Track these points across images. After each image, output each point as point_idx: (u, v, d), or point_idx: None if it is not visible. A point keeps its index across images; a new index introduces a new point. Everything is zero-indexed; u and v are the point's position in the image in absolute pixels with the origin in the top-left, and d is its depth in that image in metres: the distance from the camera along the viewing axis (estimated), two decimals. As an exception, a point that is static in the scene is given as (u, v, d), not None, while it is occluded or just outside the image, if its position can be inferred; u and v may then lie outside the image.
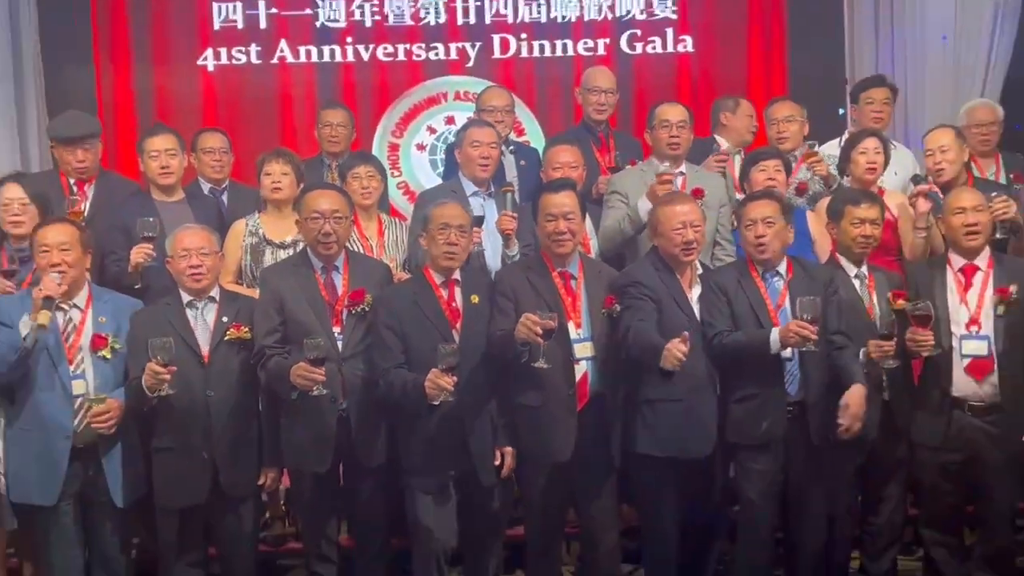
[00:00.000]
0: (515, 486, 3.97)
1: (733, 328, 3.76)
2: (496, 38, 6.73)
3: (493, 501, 3.83)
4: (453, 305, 3.77)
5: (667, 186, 4.25)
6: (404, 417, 3.74)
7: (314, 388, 3.58)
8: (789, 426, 3.77)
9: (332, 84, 6.68)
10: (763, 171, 4.42)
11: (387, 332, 3.71)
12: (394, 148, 6.63)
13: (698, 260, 3.91)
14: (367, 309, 3.77)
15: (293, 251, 4.13)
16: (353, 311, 3.77)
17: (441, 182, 5.14)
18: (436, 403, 3.56)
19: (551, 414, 3.75)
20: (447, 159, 5.35)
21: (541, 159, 5.00)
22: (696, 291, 3.83)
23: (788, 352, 3.73)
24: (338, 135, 5.25)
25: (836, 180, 4.66)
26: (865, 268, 4.06)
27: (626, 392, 3.83)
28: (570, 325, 3.77)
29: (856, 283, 4.02)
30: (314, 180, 4.52)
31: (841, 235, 4.06)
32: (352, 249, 4.08)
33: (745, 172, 4.54)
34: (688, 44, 6.81)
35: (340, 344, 3.75)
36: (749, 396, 3.76)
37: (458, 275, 3.82)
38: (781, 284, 3.85)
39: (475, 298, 3.79)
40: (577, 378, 3.76)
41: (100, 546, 3.83)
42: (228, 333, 3.79)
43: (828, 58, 6.81)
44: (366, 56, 6.71)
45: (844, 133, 5.31)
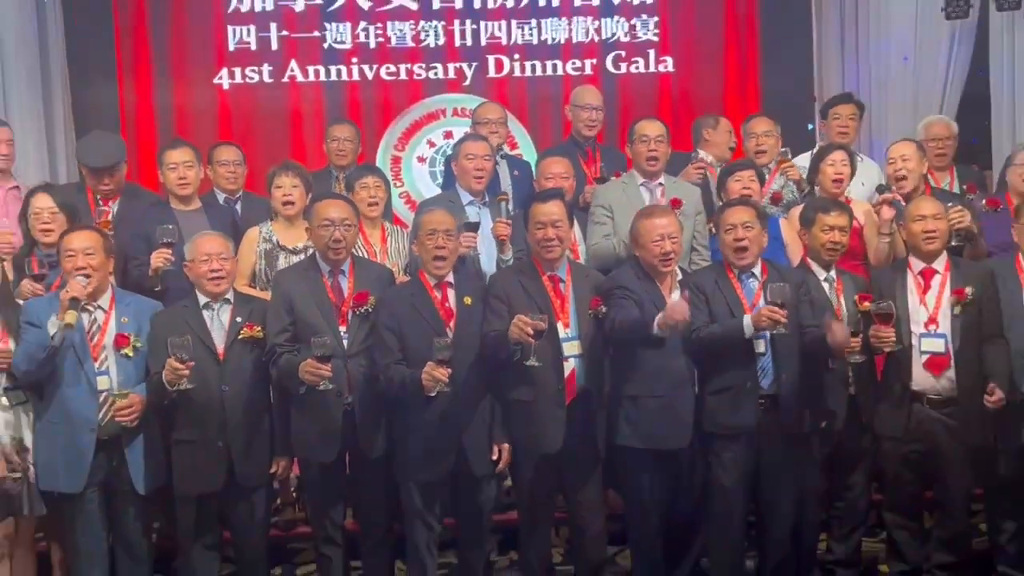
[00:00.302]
0: (506, 476, 3.97)
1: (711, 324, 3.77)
2: (491, 59, 6.76)
3: (484, 490, 3.84)
4: (447, 305, 3.77)
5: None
6: (401, 411, 3.74)
7: (320, 383, 3.58)
8: (761, 417, 3.77)
9: (339, 101, 6.70)
10: (738, 181, 4.43)
11: (387, 332, 3.71)
12: (396, 161, 6.63)
13: (676, 266, 3.92)
14: (370, 310, 3.77)
15: (304, 256, 4.13)
16: (357, 312, 3.77)
17: (440, 192, 5.14)
18: (432, 394, 3.56)
19: (542, 408, 3.75)
20: (446, 171, 5.35)
21: (533, 170, 5.02)
22: (675, 295, 3.83)
23: (761, 347, 3.74)
24: (345, 149, 5.25)
25: (807, 186, 4.69)
26: (834, 272, 4.07)
27: (611, 388, 3.84)
28: (559, 325, 3.77)
29: (826, 286, 4.03)
30: (322, 190, 4.52)
31: (812, 241, 4.07)
32: (358, 255, 4.08)
33: (722, 182, 4.55)
34: (669, 64, 6.86)
35: (346, 342, 3.75)
36: (724, 389, 3.76)
37: (451, 278, 3.81)
38: (756, 285, 3.85)
39: (468, 299, 3.78)
40: (566, 374, 3.76)
41: (123, 531, 3.83)
42: (242, 332, 3.79)
43: (798, 77, 6.86)
44: (370, 75, 6.74)
45: (815, 147, 5.33)
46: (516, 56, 6.77)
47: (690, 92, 6.84)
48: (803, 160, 4.98)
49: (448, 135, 6.42)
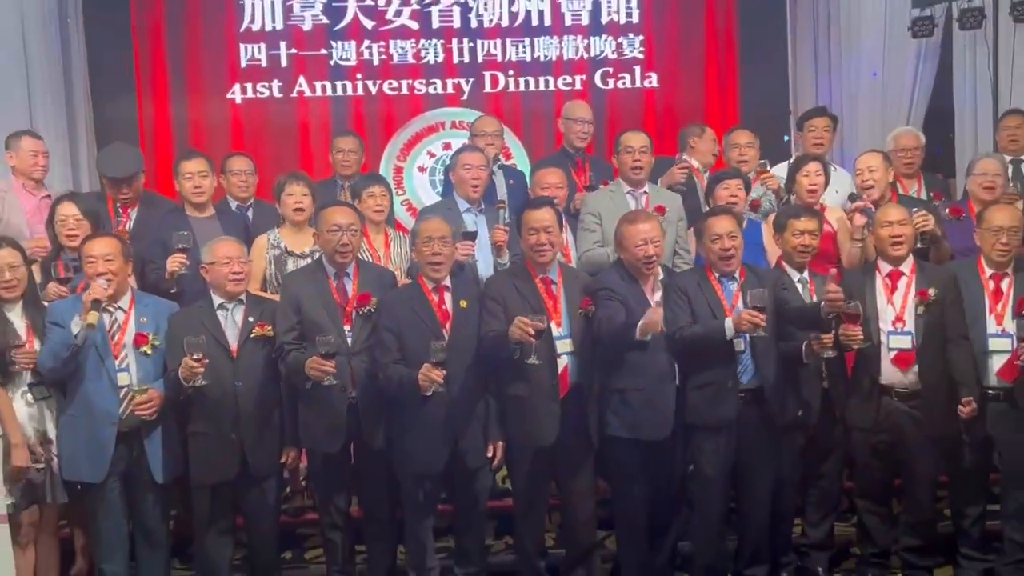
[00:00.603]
0: (501, 468, 3.98)
1: (693, 324, 3.78)
2: (487, 75, 6.79)
3: (479, 480, 3.85)
4: (443, 308, 3.76)
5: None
6: (399, 409, 3.73)
7: (325, 379, 3.58)
8: (741, 410, 3.78)
9: (344, 115, 6.72)
10: (726, 189, 4.43)
11: (386, 333, 3.71)
12: (399, 170, 6.65)
13: (660, 268, 3.93)
14: (372, 310, 3.77)
15: (311, 260, 4.13)
16: (361, 312, 3.77)
17: (439, 200, 5.15)
18: (428, 394, 3.57)
19: (537, 403, 3.74)
20: (444, 180, 5.36)
21: (527, 180, 5.03)
22: (658, 295, 3.84)
23: (741, 345, 3.75)
24: (349, 160, 5.26)
25: (785, 194, 4.71)
26: (806, 274, 4.07)
27: (600, 383, 3.85)
28: (552, 324, 3.76)
29: (799, 287, 4.04)
30: (328, 199, 4.53)
31: (784, 245, 4.08)
32: (363, 258, 4.09)
33: (710, 189, 4.55)
34: (654, 80, 6.90)
35: (350, 340, 3.75)
36: (706, 384, 3.77)
37: (448, 282, 3.81)
38: (735, 287, 3.86)
39: (464, 303, 3.78)
40: (559, 370, 3.77)
41: (142, 518, 3.83)
42: (254, 331, 3.79)
43: (774, 92, 6.90)
44: (374, 90, 6.76)
45: (790, 157, 5.34)
46: (511, 72, 6.80)
47: (673, 106, 6.88)
48: (780, 170, 4.98)
49: (447, 146, 6.44)
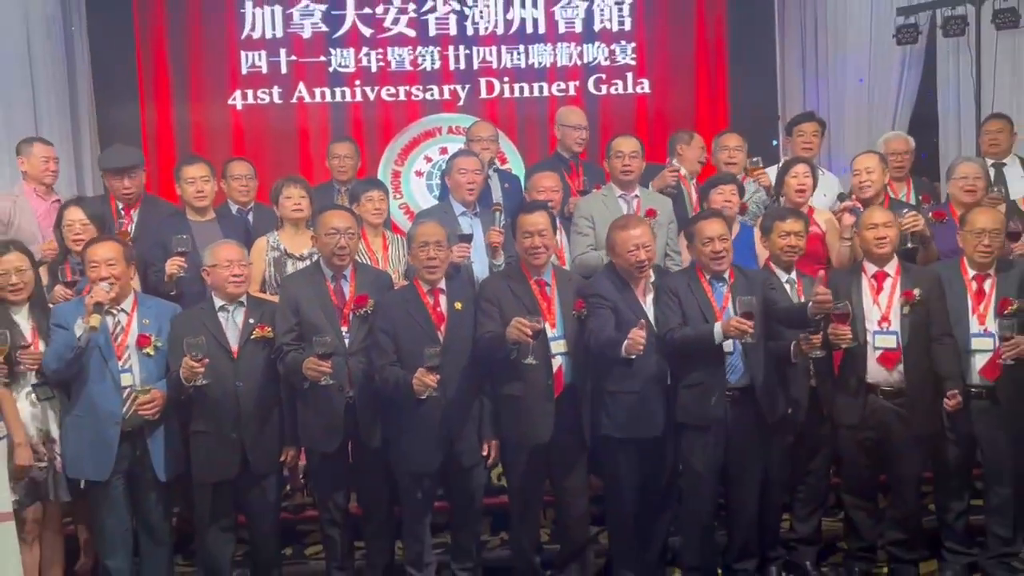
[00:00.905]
0: (496, 465, 3.98)
1: (684, 325, 3.78)
2: (483, 81, 6.79)
3: (475, 477, 3.84)
4: (438, 310, 3.76)
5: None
6: (395, 409, 3.73)
7: (322, 379, 3.58)
8: (730, 409, 3.78)
9: (343, 121, 6.71)
10: (720, 193, 4.43)
11: (382, 335, 3.70)
12: (396, 175, 6.65)
13: (651, 271, 3.92)
14: (369, 311, 3.77)
15: (309, 262, 4.13)
16: (358, 313, 3.77)
17: (436, 203, 5.14)
18: (423, 397, 3.56)
19: (532, 402, 3.74)
20: (441, 184, 5.36)
21: (522, 183, 5.02)
22: (650, 298, 3.84)
23: (730, 346, 3.75)
24: (346, 165, 5.26)
25: (774, 194, 4.71)
26: (794, 274, 4.07)
27: (593, 384, 3.84)
28: (546, 325, 3.76)
29: (787, 287, 4.04)
30: (325, 203, 4.52)
31: (771, 246, 4.08)
32: (361, 261, 4.08)
33: (705, 193, 4.55)
34: (645, 86, 6.90)
35: (347, 341, 3.75)
36: (696, 383, 3.77)
37: (443, 284, 3.80)
38: (725, 288, 3.86)
39: (458, 305, 3.77)
40: (554, 370, 3.76)
41: (145, 515, 3.83)
42: (254, 332, 3.79)
43: (763, 97, 6.91)
44: (372, 97, 6.76)
45: (779, 161, 5.34)
46: (506, 79, 6.80)
47: (665, 111, 6.88)
48: (769, 173, 4.98)
49: (444, 151, 6.44)
